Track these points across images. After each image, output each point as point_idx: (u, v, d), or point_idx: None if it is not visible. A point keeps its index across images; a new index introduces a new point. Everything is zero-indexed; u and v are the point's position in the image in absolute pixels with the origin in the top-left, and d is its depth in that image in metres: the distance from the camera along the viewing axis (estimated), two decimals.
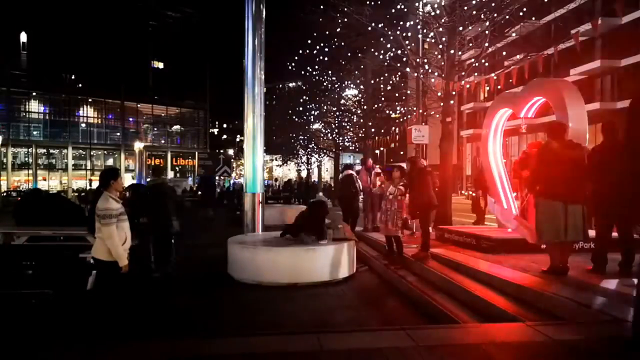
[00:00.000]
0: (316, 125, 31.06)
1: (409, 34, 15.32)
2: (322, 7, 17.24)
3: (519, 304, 4.81)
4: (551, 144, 5.37)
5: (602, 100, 25.68)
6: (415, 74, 15.73)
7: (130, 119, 53.08)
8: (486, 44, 12.15)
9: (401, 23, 14.84)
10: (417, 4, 13.46)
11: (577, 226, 5.12)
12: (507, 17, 11.78)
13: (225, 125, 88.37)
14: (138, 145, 43.42)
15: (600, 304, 4.36)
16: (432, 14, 12.42)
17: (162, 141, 56.22)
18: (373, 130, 23.44)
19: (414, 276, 6.87)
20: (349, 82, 24.87)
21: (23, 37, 47.19)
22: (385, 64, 18.06)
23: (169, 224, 7.72)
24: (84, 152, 50.62)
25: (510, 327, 4.18)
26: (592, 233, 5.59)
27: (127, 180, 44.48)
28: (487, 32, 12.27)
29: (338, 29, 17.73)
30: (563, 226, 5.10)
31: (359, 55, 20.44)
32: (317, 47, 21.05)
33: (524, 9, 12.65)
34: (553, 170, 5.13)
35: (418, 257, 7.22)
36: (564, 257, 5.31)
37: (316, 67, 23.84)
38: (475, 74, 15.44)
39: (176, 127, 58.09)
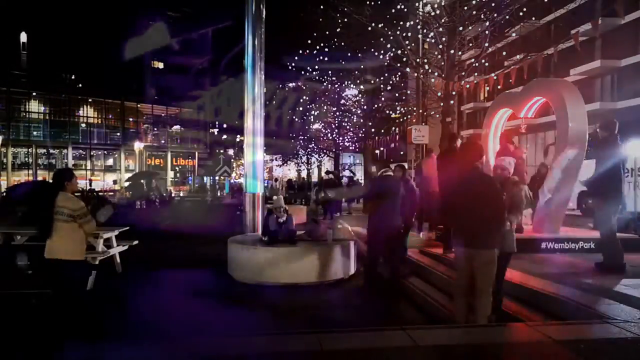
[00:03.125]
0: (316, 125, 31.07)
1: (409, 34, 15.32)
2: (322, 7, 17.26)
3: (519, 303, 4.81)
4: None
5: (602, 100, 25.66)
6: (415, 74, 15.75)
7: (130, 119, 53.05)
8: (486, 44, 12.18)
9: (401, 23, 14.85)
10: (417, 4, 13.48)
11: None
12: (507, 17, 11.81)
13: (225, 125, 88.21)
14: (138, 145, 43.39)
15: (599, 304, 4.37)
16: (432, 14, 12.45)
17: (162, 141, 56.16)
18: (373, 130, 23.45)
19: (414, 276, 6.87)
20: (349, 82, 24.89)
21: (23, 37, 47.18)
22: (385, 64, 18.08)
23: None
24: (84, 152, 50.53)
25: (511, 327, 4.18)
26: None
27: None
28: (487, 32, 12.31)
29: (338, 29, 17.75)
30: None
31: (359, 55, 20.46)
32: (317, 47, 21.07)
33: (524, 9, 12.67)
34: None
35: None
36: None
37: (316, 67, 23.86)
38: (475, 74, 15.45)
39: (176, 127, 58.03)
